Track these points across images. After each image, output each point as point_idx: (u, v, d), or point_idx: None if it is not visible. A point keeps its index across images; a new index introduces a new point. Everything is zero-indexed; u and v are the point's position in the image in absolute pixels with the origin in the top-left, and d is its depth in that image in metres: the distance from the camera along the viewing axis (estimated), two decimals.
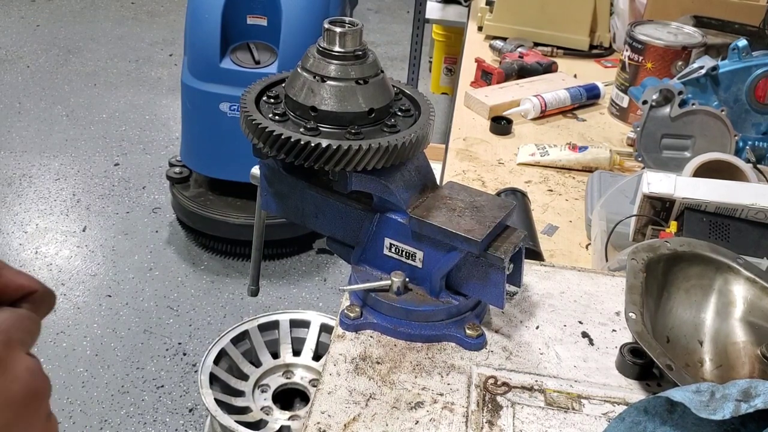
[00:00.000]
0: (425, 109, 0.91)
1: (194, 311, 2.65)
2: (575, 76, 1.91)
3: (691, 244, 0.96)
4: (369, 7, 5.60)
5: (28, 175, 3.38)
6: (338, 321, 0.92)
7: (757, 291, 0.92)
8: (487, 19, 2.17)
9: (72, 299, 2.67)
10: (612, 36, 2.14)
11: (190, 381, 2.36)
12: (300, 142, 0.82)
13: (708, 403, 0.63)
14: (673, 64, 1.65)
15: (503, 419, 0.80)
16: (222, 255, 2.92)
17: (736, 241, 1.08)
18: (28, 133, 3.71)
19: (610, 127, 1.72)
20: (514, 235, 0.87)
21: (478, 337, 0.89)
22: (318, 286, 2.83)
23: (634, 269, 0.90)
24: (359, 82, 0.86)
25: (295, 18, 2.59)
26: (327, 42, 0.86)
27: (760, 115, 1.50)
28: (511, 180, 1.45)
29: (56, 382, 2.32)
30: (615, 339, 0.93)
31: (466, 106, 1.76)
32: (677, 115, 1.41)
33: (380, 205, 0.89)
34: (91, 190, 3.31)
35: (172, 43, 4.80)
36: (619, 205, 1.21)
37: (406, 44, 3.86)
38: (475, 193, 0.91)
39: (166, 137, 3.75)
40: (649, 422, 0.68)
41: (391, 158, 0.84)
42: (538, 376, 0.86)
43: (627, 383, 0.87)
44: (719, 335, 0.91)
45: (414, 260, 0.90)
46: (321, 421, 0.79)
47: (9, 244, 2.95)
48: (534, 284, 1.02)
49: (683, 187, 1.12)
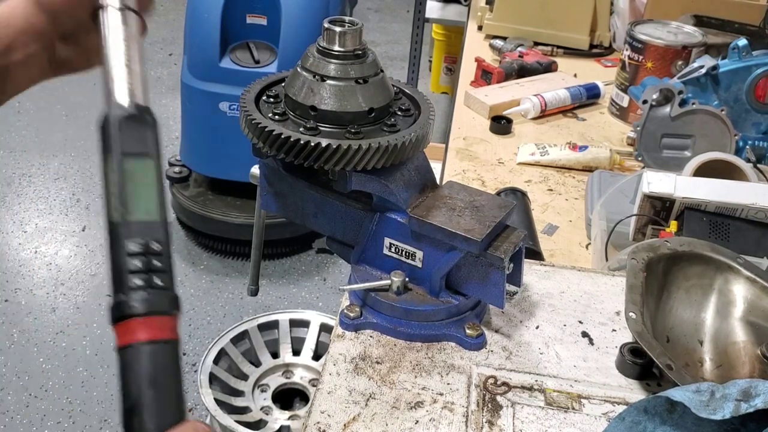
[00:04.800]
0: (425, 109, 0.91)
1: (194, 311, 2.65)
2: (575, 75, 1.91)
3: (691, 243, 0.96)
4: (369, 6, 5.60)
5: (27, 175, 3.38)
6: (338, 321, 0.92)
7: (757, 290, 0.92)
8: (487, 18, 2.17)
9: (72, 299, 2.67)
10: (612, 35, 2.14)
11: (189, 381, 2.36)
12: (300, 141, 0.82)
13: (708, 402, 0.63)
14: (673, 64, 1.65)
15: (503, 419, 0.80)
16: (222, 255, 2.92)
17: (736, 241, 1.07)
18: (27, 132, 3.70)
19: (610, 126, 1.72)
20: (514, 234, 0.87)
21: (478, 336, 0.89)
22: (318, 285, 2.83)
23: (634, 269, 0.90)
24: (359, 81, 0.86)
25: (295, 17, 2.59)
26: (327, 41, 0.86)
27: (760, 114, 1.50)
28: (511, 179, 1.44)
29: (56, 382, 2.32)
30: (615, 339, 0.93)
31: (466, 106, 1.76)
32: (677, 114, 1.41)
33: (380, 205, 0.89)
34: (90, 189, 3.31)
35: (171, 42, 4.79)
36: (619, 204, 1.21)
37: (406, 44, 3.85)
38: (475, 193, 0.91)
39: (166, 137, 3.75)
40: (649, 422, 0.68)
41: (391, 158, 0.84)
42: (538, 376, 0.86)
43: (627, 383, 0.86)
44: (719, 335, 0.91)
45: (414, 260, 0.90)
46: (321, 420, 0.79)
47: (9, 243, 2.95)
48: (534, 284, 1.02)
49: (683, 186, 1.12)
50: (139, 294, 0.46)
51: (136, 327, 0.45)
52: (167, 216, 0.49)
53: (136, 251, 0.46)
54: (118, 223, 0.47)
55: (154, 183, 0.47)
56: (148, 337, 0.46)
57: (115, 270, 0.47)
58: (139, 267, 0.46)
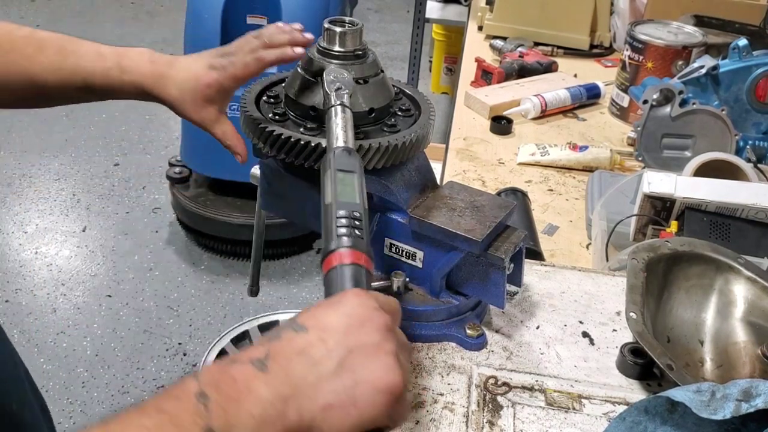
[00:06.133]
0: (425, 109, 0.91)
1: (194, 311, 2.65)
2: (575, 75, 1.91)
3: (691, 243, 0.96)
4: (369, 6, 5.60)
5: (27, 175, 3.38)
6: None
7: (757, 291, 0.92)
8: (487, 18, 2.17)
9: (72, 299, 2.67)
10: (612, 35, 2.14)
11: None
12: (300, 142, 0.82)
13: (708, 402, 0.63)
14: (673, 64, 1.65)
15: (504, 419, 0.80)
16: (222, 255, 2.92)
17: (737, 241, 1.07)
18: (28, 133, 3.70)
19: (610, 126, 1.72)
20: (515, 234, 0.87)
21: (479, 337, 0.89)
22: (318, 286, 2.83)
23: (634, 269, 0.90)
24: (359, 81, 0.86)
25: (295, 18, 2.57)
26: (327, 41, 0.86)
27: (760, 114, 1.50)
28: (511, 180, 1.44)
29: (56, 383, 2.32)
30: (615, 339, 0.93)
31: (466, 106, 1.76)
32: (678, 114, 1.41)
33: (380, 205, 0.89)
34: (91, 190, 3.31)
35: (172, 43, 4.79)
36: (619, 204, 1.21)
37: (406, 44, 3.85)
38: (476, 193, 0.91)
39: (166, 137, 3.75)
40: (650, 422, 0.68)
41: (391, 158, 0.84)
42: (539, 376, 0.86)
43: (627, 383, 0.86)
44: (720, 335, 0.91)
45: (414, 260, 0.90)
46: None
47: (9, 244, 2.95)
48: (534, 284, 1.01)
49: (684, 186, 1.12)
50: (345, 238, 0.63)
51: (343, 255, 0.62)
52: (366, 204, 0.68)
53: (344, 215, 0.65)
54: (330, 204, 0.67)
55: (356, 185, 0.69)
56: (351, 261, 0.62)
57: (327, 230, 0.65)
58: (345, 224, 0.64)
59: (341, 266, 0.61)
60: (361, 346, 0.54)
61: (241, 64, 0.84)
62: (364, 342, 0.54)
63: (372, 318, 0.56)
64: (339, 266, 0.61)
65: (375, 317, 0.56)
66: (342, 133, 0.75)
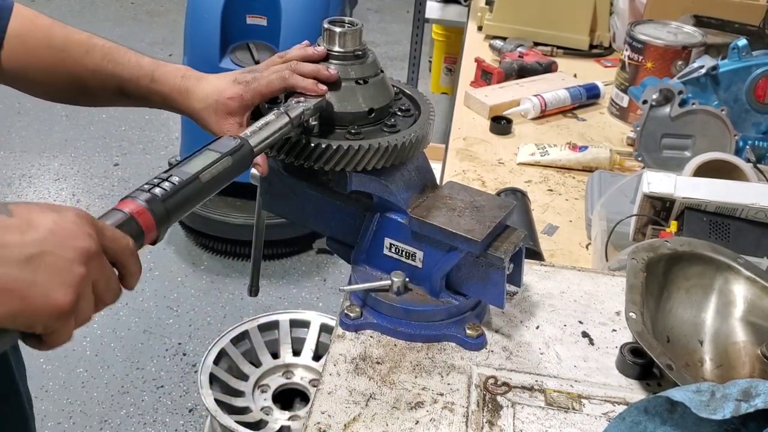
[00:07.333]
0: (425, 109, 0.91)
1: (194, 311, 2.65)
2: (575, 75, 1.91)
3: (691, 243, 0.96)
4: (369, 6, 5.60)
5: (27, 176, 3.38)
6: (338, 321, 0.92)
7: (757, 291, 0.92)
8: (487, 18, 2.17)
9: None
10: (612, 35, 2.14)
11: (190, 381, 2.36)
12: (300, 142, 0.82)
13: (708, 402, 0.63)
14: (673, 64, 1.65)
15: (503, 419, 0.80)
16: (222, 255, 2.92)
17: (737, 241, 1.07)
18: (27, 133, 3.70)
19: (610, 126, 1.72)
20: (514, 235, 0.87)
21: (479, 337, 0.89)
22: (318, 286, 2.83)
23: (634, 269, 0.90)
24: (359, 82, 0.86)
25: (295, 18, 2.59)
26: (327, 42, 0.86)
27: (760, 114, 1.50)
28: (511, 180, 1.44)
29: (56, 383, 2.32)
30: (615, 339, 0.93)
31: (466, 106, 1.76)
32: (677, 114, 1.41)
33: (380, 205, 0.89)
34: (91, 190, 3.31)
35: (172, 43, 4.79)
36: (619, 204, 1.21)
37: (406, 44, 3.85)
38: (475, 193, 0.91)
39: (166, 137, 3.75)
40: (650, 422, 0.68)
41: (391, 158, 0.84)
42: (539, 376, 0.86)
43: (627, 383, 0.87)
44: (719, 335, 0.91)
45: (414, 260, 0.90)
46: (321, 421, 0.79)
47: None
48: (534, 284, 1.02)
49: (683, 186, 1.12)
50: (139, 192, 0.67)
51: (126, 203, 0.66)
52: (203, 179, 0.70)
53: (162, 176, 0.68)
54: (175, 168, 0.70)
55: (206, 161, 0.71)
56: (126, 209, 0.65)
57: None
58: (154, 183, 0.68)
59: (114, 210, 0.64)
60: (53, 255, 0.56)
61: (265, 81, 0.86)
62: (57, 253, 0.56)
63: (77, 237, 0.58)
64: (113, 209, 0.64)
65: (81, 239, 0.58)
66: (254, 128, 0.78)
